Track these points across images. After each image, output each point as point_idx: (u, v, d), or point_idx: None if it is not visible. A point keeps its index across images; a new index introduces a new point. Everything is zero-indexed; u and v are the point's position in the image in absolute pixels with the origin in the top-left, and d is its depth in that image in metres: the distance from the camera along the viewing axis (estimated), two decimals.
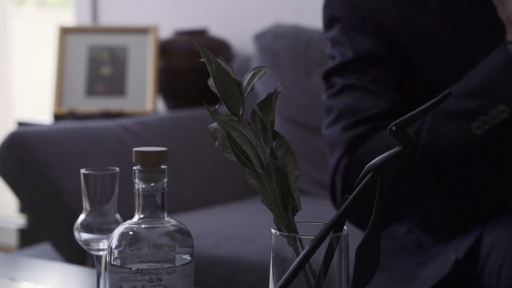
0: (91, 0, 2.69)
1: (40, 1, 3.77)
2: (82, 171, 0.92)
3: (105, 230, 0.91)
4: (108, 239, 0.80)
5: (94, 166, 0.94)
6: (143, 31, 2.39)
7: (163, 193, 0.78)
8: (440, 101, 0.62)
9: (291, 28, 2.07)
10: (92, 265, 1.47)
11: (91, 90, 2.39)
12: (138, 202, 0.78)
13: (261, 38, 2.08)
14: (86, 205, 0.92)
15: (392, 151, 0.63)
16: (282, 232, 0.65)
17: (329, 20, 1.20)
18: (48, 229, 1.67)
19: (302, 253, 0.62)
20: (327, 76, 1.19)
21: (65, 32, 2.43)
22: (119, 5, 2.66)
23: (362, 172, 0.64)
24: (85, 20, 2.71)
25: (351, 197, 0.63)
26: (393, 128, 0.62)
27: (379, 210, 0.63)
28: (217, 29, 2.38)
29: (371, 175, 0.63)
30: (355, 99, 1.15)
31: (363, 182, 0.63)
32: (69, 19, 2.98)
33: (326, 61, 1.23)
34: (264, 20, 2.27)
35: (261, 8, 2.37)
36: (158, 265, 0.76)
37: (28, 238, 2.37)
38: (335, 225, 0.63)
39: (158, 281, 0.75)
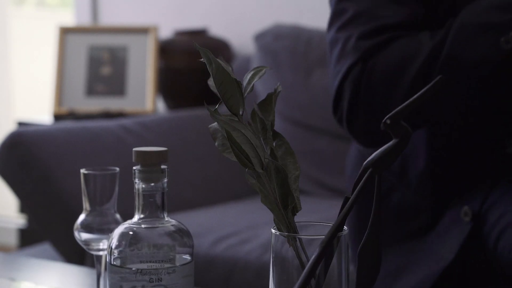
0: (91, 0, 2.69)
1: (40, 1, 3.77)
2: (82, 171, 0.92)
3: (105, 230, 0.91)
4: (108, 239, 0.80)
5: (94, 166, 0.94)
6: (143, 31, 2.39)
7: (163, 193, 0.78)
8: (432, 88, 0.61)
9: (291, 28, 2.07)
10: (92, 265, 1.47)
11: (91, 90, 2.39)
12: (138, 202, 0.78)
13: (261, 38, 2.08)
14: (86, 205, 0.92)
15: (388, 144, 0.63)
16: (282, 232, 0.65)
17: None
18: (48, 229, 1.67)
19: (312, 257, 0.61)
20: None
21: (65, 32, 2.43)
22: (119, 5, 2.66)
23: (361, 169, 0.63)
24: (85, 20, 2.71)
25: (352, 196, 0.63)
26: (388, 121, 0.62)
27: (378, 209, 0.63)
28: (217, 29, 2.38)
29: (370, 171, 0.63)
30: (376, 3, 1.07)
31: (363, 179, 0.63)
32: (69, 19, 2.98)
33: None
34: (264, 20, 2.27)
35: (261, 8, 2.37)
36: (158, 265, 0.76)
37: (28, 238, 2.37)
38: (339, 226, 0.63)
39: (158, 281, 0.75)
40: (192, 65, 2.29)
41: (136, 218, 0.78)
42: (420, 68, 1.05)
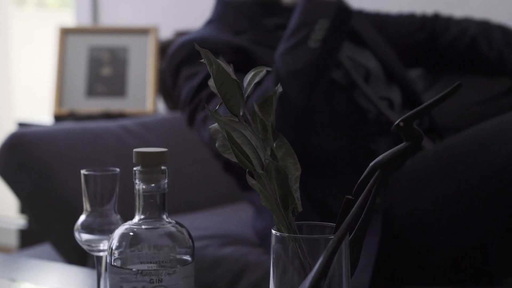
0: (91, 0, 2.69)
1: (41, 1, 3.77)
2: (83, 171, 0.92)
3: (105, 230, 0.91)
4: (108, 239, 0.80)
5: (95, 167, 0.94)
6: (143, 31, 2.39)
7: (163, 194, 0.78)
8: (449, 93, 0.62)
9: None
10: (92, 266, 1.47)
11: (92, 91, 2.39)
12: (138, 202, 0.78)
13: None
14: (86, 205, 0.92)
15: (399, 146, 0.63)
16: (283, 233, 0.65)
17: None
18: (49, 230, 1.67)
19: (321, 259, 0.61)
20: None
21: (66, 33, 2.43)
22: (119, 6, 2.66)
23: (368, 169, 0.63)
24: (85, 21, 2.71)
25: (360, 198, 0.63)
26: (401, 124, 0.62)
27: (372, 208, 0.63)
28: None
29: (379, 173, 0.63)
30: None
31: (372, 180, 0.63)
32: (69, 20, 2.98)
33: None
34: None
35: None
36: (158, 266, 0.76)
37: (28, 238, 2.37)
38: (339, 226, 0.63)
39: (158, 282, 0.75)
40: None
41: (136, 219, 0.78)
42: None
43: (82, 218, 0.92)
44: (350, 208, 0.65)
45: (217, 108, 0.66)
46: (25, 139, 1.67)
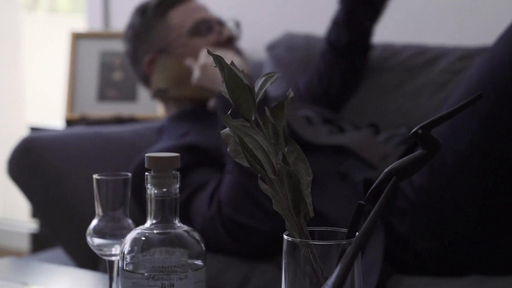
0: (103, 5, 2.70)
1: (52, 6, 3.79)
2: (95, 176, 0.92)
3: (117, 235, 0.91)
4: (120, 244, 0.80)
5: (106, 171, 0.94)
6: None
7: (175, 198, 0.78)
8: (470, 103, 0.62)
9: (304, 38, 2.06)
10: (104, 270, 1.47)
11: (103, 96, 2.40)
12: (150, 207, 0.78)
13: (273, 48, 2.07)
14: (98, 210, 0.93)
15: (416, 153, 0.63)
16: (295, 238, 0.65)
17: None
18: (60, 234, 1.68)
19: (340, 265, 0.61)
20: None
21: (77, 38, 2.44)
22: (131, 11, 2.67)
23: (383, 175, 0.63)
24: (97, 26, 2.72)
25: (378, 202, 0.63)
26: (419, 131, 0.62)
27: (379, 212, 0.63)
28: None
29: (395, 179, 0.63)
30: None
31: (388, 186, 0.63)
32: (81, 25, 3.00)
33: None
34: (276, 26, 2.28)
35: (273, 14, 2.38)
36: (170, 271, 0.76)
37: (40, 242, 2.38)
38: (351, 232, 0.63)
39: (170, 287, 0.75)
40: None
41: (148, 223, 0.78)
42: None
43: (94, 222, 0.93)
44: (361, 213, 0.65)
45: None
46: (37, 143, 1.68)
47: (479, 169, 1.29)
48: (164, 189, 0.78)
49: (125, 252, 0.77)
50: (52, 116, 3.11)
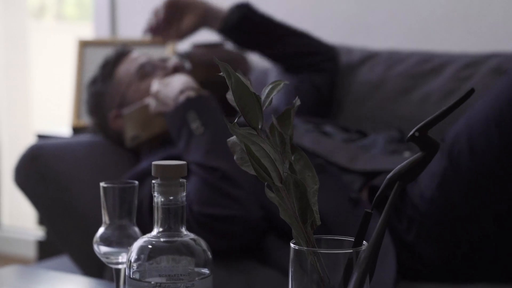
0: (110, 13, 2.70)
1: (59, 14, 3.80)
2: (102, 184, 0.92)
3: (124, 243, 0.91)
4: (127, 252, 0.80)
5: (113, 179, 0.94)
6: (161, 44, 2.40)
7: (182, 207, 0.78)
8: (462, 100, 0.62)
9: None
10: (110, 278, 1.47)
11: None
12: (157, 215, 0.78)
13: None
14: (105, 218, 0.93)
15: (416, 156, 0.63)
16: (301, 246, 0.65)
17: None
18: (66, 242, 1.68)
19: (355, 275, 0.61)
20: None
21: (84, 45, 2.45)
22: (138, 19, 2.67)
23: (386, 182, 0.63)
24: (104, 33, 2.72)
25: (384, 211, 0.63)
26: (416, 134, 0.62)
27: (387, 220, 0.63)
28: None
29: (398, 184, 0.63)
30: None
31: (392, 192, 0.63)
32: (88, 33, 3.00)
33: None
34: None
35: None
36: (177, 279, 0.76)
37: (46, 250, 2.38)
38: (358, 240, 0.63)
39: None
40: (210, 78, 2.29)
41: (155, 231, 0.78)
42: None
43: (101, 230, 0.93)
44: (368, 221, 0.65)
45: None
46: (43, 151, 1.68)
47: (497, 182, 1.28)
48: (171, 197, 0.78)
49: (132, 260, 0.77)
50: (59, 123, 3.12)
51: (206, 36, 2.43)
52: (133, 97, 1.74)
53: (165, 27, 1.84)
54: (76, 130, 2.34)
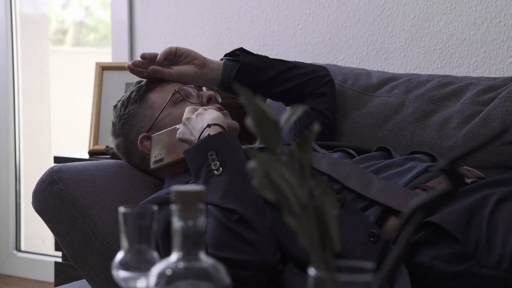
0: (128, 39, 2.73)
1: (78, 41, 3.84)
2: (121, 209, 0.92)
3: (143, 268, 0.91)
4: (146, 277, 0.80)
5: (132, 204, 0.94)
6: None
7: (200, 232, 0.78)
8: (495, 137, 0.61)
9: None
10: None
11: None
12: (176, 240, 0.78)
13: None
14: (124, 243, 0.93)
15: (443, 188, 0.63)
16: (321, 272, 0.65)
17: None
18: (85, 266, 1.68)
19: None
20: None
21: (103, 69, 2.47)
22: (156, 44, 2.69)
23: (411, 210, 0.63)
24: (122, 59, 2.75)
25: (406, 237, 0.62)
26: (448, 166, 0.62)
27: (402, 254, 0.62)
28: None
29: (422, 214, 0.62)
30: None
31: (415, 221, 0.62)
32: (107, 59, 3.03)
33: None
34: (299, 55, 2.28)
35: (298, 45, 2.39)
36: None
37: (65, 274, 2.39)
38: (379, 268, 0.63)
39: None
40: (228, 101, 2.30)
41: (174, 257, 0.78)
42: None
43: (120, 255, 0.93)
44: (388, 250, 0.65)
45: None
46: (62, 175, 1.69)
47: None
48: (190, 223, 0.77)
49: (151, 285, 0.77)
50: (78, 147, 3.14)
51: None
52: (164, 122, 1.75)
53: (159, 65, 1.83)
54: (95, 154, 2.35)
